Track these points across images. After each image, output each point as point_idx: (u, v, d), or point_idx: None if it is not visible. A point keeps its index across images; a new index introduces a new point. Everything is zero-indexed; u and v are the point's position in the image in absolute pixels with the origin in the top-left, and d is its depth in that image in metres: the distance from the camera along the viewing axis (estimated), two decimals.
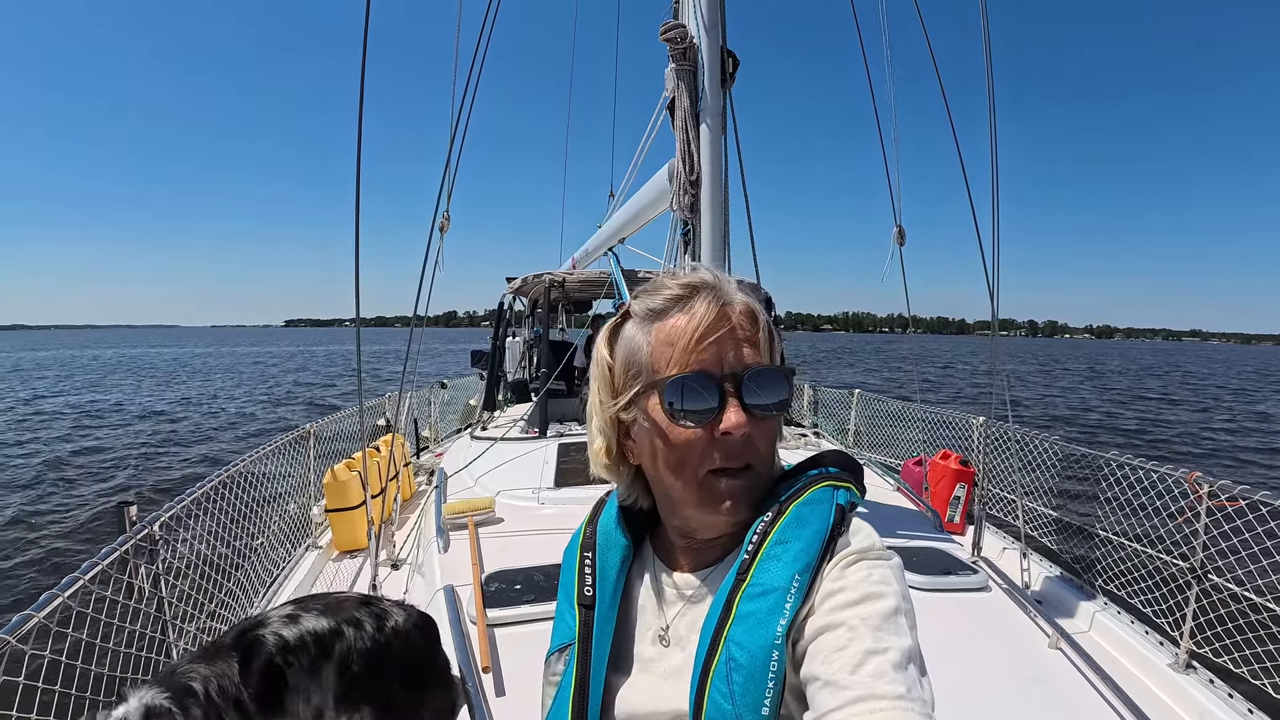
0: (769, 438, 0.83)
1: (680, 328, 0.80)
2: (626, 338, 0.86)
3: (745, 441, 0.80)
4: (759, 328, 0.83)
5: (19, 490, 11.49)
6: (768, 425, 0.82)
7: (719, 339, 0.80)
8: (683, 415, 0.79)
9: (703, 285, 0.83)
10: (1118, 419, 22.84)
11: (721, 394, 0.79)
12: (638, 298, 0.87)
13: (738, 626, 0.75)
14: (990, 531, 4.04)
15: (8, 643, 1.57)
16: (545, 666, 0.98)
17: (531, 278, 6.93)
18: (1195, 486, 2.94)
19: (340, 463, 4.70)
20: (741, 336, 0.81)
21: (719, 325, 0.80)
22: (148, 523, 2.39)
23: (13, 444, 15.85)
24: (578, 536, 1.00)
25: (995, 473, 4.46)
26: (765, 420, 0.81)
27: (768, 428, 0.82)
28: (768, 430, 0.83)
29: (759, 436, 0.81)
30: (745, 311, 0.83)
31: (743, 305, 0.83)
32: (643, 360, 0.83)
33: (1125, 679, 2.57)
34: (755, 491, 0.83)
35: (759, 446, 0.82)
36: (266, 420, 20.69)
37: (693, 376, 0.79)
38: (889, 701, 0.63)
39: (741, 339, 0.81)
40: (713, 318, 0.80)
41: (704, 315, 0.80)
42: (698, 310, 0.80)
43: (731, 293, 0.83)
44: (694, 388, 0.78)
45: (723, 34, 3.32)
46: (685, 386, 0.79)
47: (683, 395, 0.79)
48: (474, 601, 2.51)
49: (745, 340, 0.81)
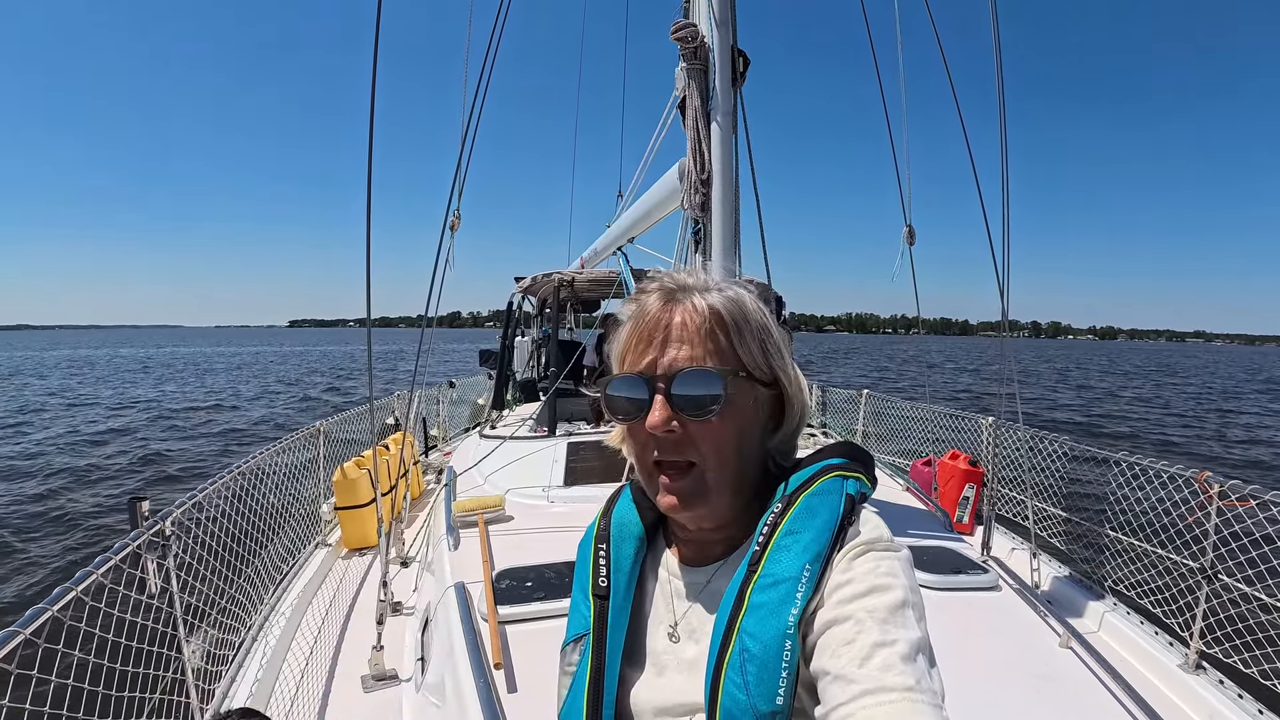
0: (713, 438, 0.83)
1: (629, 331, 0.86)
2: (614, 337, 0.91)
3: (680, 439, 0.82)
4: (705, 327, 0.83)
5: (49, 481, 11.79)
6: (708, 426, 0.82)
7: (656, 340, 0.84)
8: (618, 411, 0.86)
9: (664, 289, 0.87)
10: (1131, 419, 22.84)
11: (651, 391, 0.82)
12: (626, 301, 0.92)
13: (750, 617, 0.76)
14: (999, 532, 4.03)
15: (20, 635, 1.58)
16: (561, 657, 0.98)
17: (540, 277, 6.93)
18: (1205, 486, 2.93)
19: (349, 461, 4.73)
20: (681, 337, 0.83)
21: (659, 328, 0.84)
22: (160, 518, 2.40)
23: (46, 441, 16.14)
24: (592, 528, 1.02)
25: (1004, 473, 4.44)
26: (703, 420, 0.82)
27: (709, 428, 0.82)
28: (709, 430, 0.82)
29: (699, 436, 0.82)
30: (696, 311, 0.84)
31: (698, 307, 0.84)
32: (614, 359, 0.89)
33: (1135, 679, 2.56)
34: (702, 489, 0.84)
35: (699, 446, 0.83)
36: (285, 418, 20.97)
37: (626, 377, 0.84)
38: (899, 694, 0.63)
39: (680, 339, 0.83)
40: (652, 318, 0.84)
41: (648, 318, 0.85)
42: (646, 313, 0.85)
43: (693, 293, 0.85)
44: (626, 387, 0.84)
45: (733, 33, 3.32)
46: (621, 385, 0.85)
47: (619, 395, 0.85)
48: (485, 599, 2.52)
49: (684, 339, 0.83)
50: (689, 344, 0.82)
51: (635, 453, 0.88)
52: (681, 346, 0.82)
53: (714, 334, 0.83)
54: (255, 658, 3.03)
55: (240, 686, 2.83)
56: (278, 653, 3.12)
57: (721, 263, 3.34)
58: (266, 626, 3.33)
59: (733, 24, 3.32)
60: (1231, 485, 2.86)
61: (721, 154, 3.30)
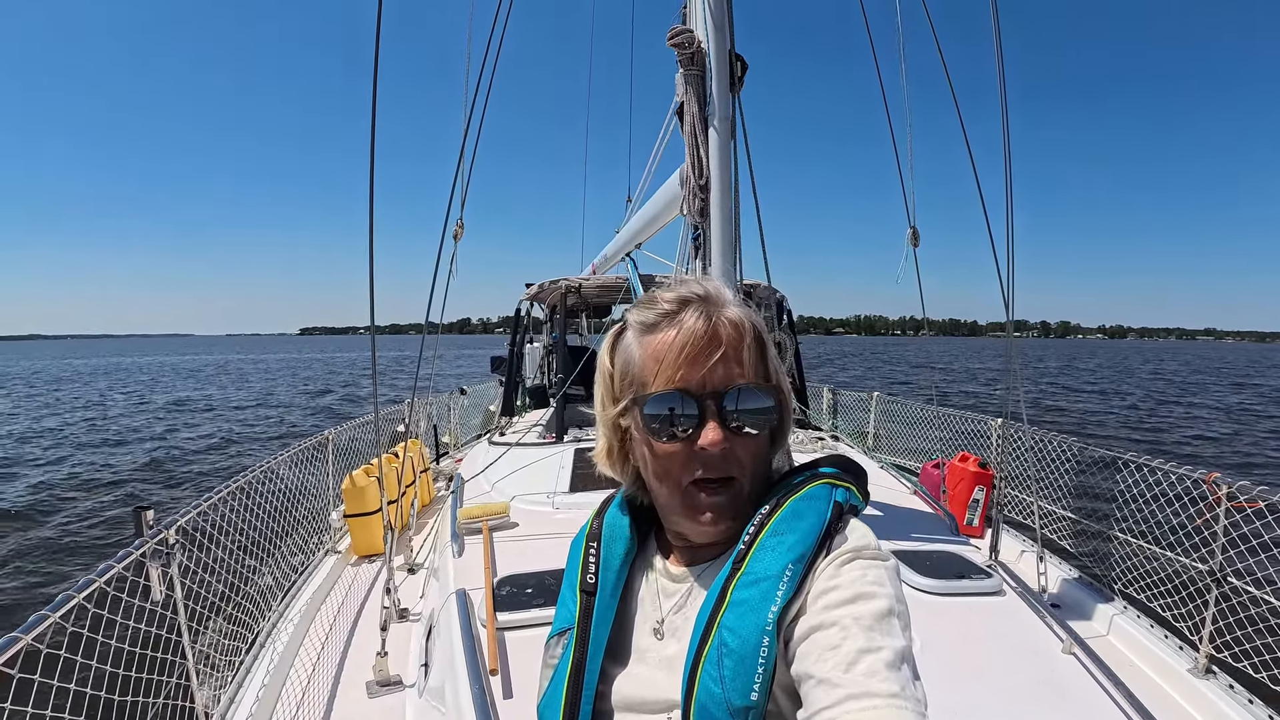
0: (752, 451, 0.84)
1: (666, 343, 0.83)
2: (624, 347, 0.89)
3: (725, 455, 0.82)
4: (746, 342, 0.84)
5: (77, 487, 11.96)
6: (751, 440, 0.84)
7: (702, 356, 0.81)
8: (661, 431, 0.82)
9: (694, 299, 0.84)
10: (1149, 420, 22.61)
11: (702, 410, 0.81)
12: (635, 309, 0.89)
13: (731, 613, 0.77)
14: (1009, 535, 4.00)
15: (22, 641, 1.61)
16: (545, 650, 1.00)
17: (549, 283, 6.96)
18: (1214, 488, 2.89)
19: (359, 468, 4.76)
20: (727, 353, 0.82)
21: (704, 341, 0.82)
22: (164, 527, 2.44)
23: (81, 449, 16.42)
24: (585, 527, 1.04)
25: (1013, 475, 4.42)
26: (748, 436, 0.83)
27: (750, 442, 0.84)
28: (750, 445, 0.84)
29: (741, 451, 0.83)
30: (735, 325, 0.84)
31: (734, 319, 0.84)
32: (635, 372, 0.86)
33: (1142, 684, 2.53)
34: (738, 503, 0.85)
35: (741, 460, 0.83)
36: (300, 424, 21.27)
37: (672, 394, 0.81)
38: (883, 699, 0.63)
39: (727, 356, 0.82)
40: (698, 334, 0.82)
41: (690, 331, 0.82)
42: (685, 325, 0.82)
43: (723, 307, 0.85)
44: (673, 405, 0.81)
45: (731, 38, 3.31)
46: (666, 403, 0.82)
47: (661, 412, 0.82)
48: (485, 605, 2.54)
49: (730, 357, 0.82)
50: (737, 361, 0.82)
51: (667, 471, 0.85)
52: (729, 364, 0.82)
53: (752, 347, 0.84)
54: (262, 663, 3.05)
55: (247, 691, 2.86)
56: (285, 658, 3.15)
57: (721, 267, 3.34)
58: (274, 632, 3.36)
59: (730, 28, 3.32)
60: (1240, 487, 2.83)
61: (720, 159, 3.29)
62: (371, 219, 3.08)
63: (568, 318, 7.06)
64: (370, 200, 3.08)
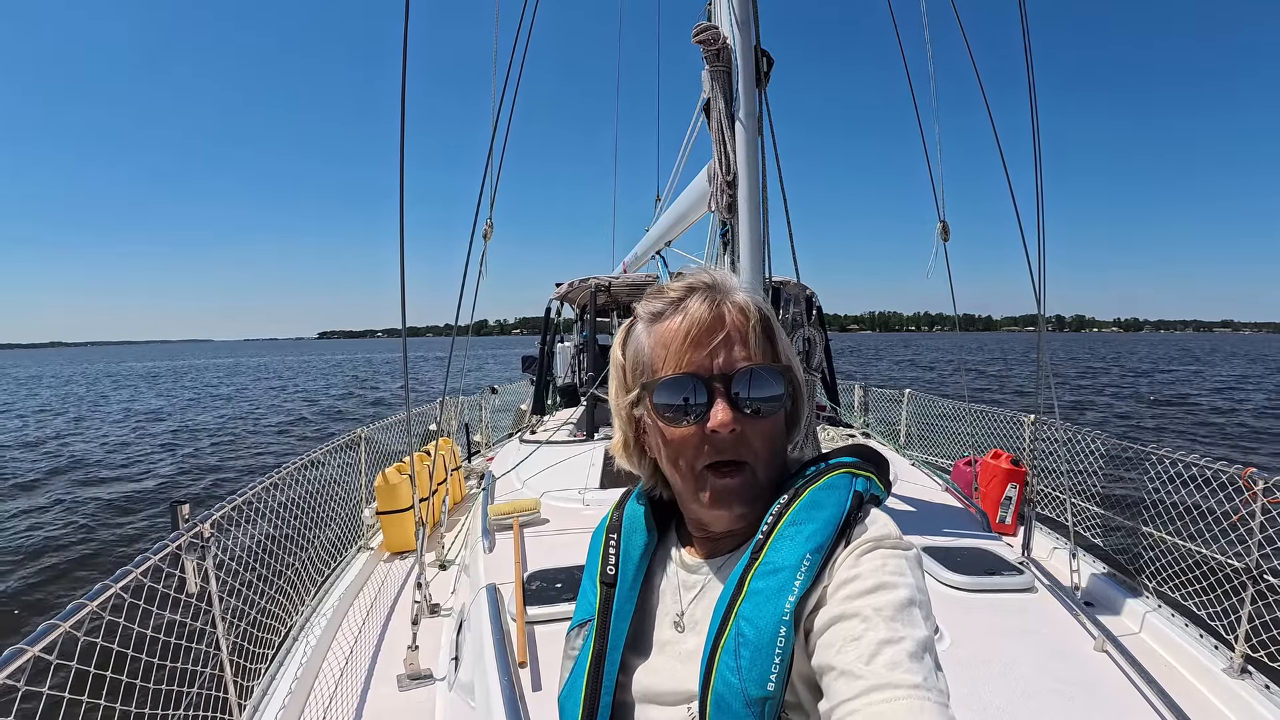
0: (765, 436, 0.84)
1: (674, 330, 0.84)
2: (634, 338, 0.90)
3: (737, 439, 0.82)
4: (752, 324, 0.84)
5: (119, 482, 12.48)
6: (763, 424, 0.83)
7: (708, 339, 0.82)
8: (671, 415, 0.83)
9: (699, 286, 0.85)
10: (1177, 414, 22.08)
11: (710, 393, 0.81)
12: (644, 300, 0.90)
13: (748, 603, 0.77)
14: (1043, 532, 3.94)
15: (60, 628, 1.65)
16: (565, 640, 1.00)
17: (578, 283, 6.99)
18: (1249, 483, 2.82)
19: (391, 466, 4.82)
20: (734, 336, 0.83)
21: (710, 326, 0.82)
22: (198, 521, 2.49)
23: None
24: (605, 519, 1.04)
25: (1045, 471, 4.34)
26: (760, 419, 0.83)
27: (763, 426, 0.83)
28: (763, 429, 0.84)
29: (753, 435, 0.83)
30: (741, 310, 0.84)
31: (740, 303, 0.84)
32: (645, 361, 0.87)
33: (1176, 683, 2.47)
34: (753, 489, 0.85)
35: (754, 444, 0.83)
36: (331, 425, 21.80)
37: (681, 378, 0.82)
38: (905, 690, 0.63)
39: (733, 338, 0.83)
40: (704, 318, 0.82)
41: (695, 316, 0.83)
42: (690, 312, 0.83)
43: (729, 292, 0.85)
44: (682, 388, 0.82)
45: (756, 33, 3.29)
46: (675, 387, 0.82)
47: (671, 395, 0.82)
48: (515, 599, 2.56)
49: (737, 340, 0.83)
50: (743, 344, 0.83)
51: (680, 456, 0.85)
52: (737, 347, 0.82)
53: (760, 332, 0.84)
54: (295, 656, 3.11)
55: (280, 684, 2.91)
56: (318, 651, 3.20)
57: (749, 263, 3.33)
58: (307, 627, 3.42)
59: (755, 24, 3.30)
60: (1276, 482, 2.75)
61: (746, 155, 3.27)
62: (402, 225, 3.11)
63: (598, 317, 7.09)
64: (400, 206, 3.12)
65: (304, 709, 2.84)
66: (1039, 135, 3.20)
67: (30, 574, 7.74)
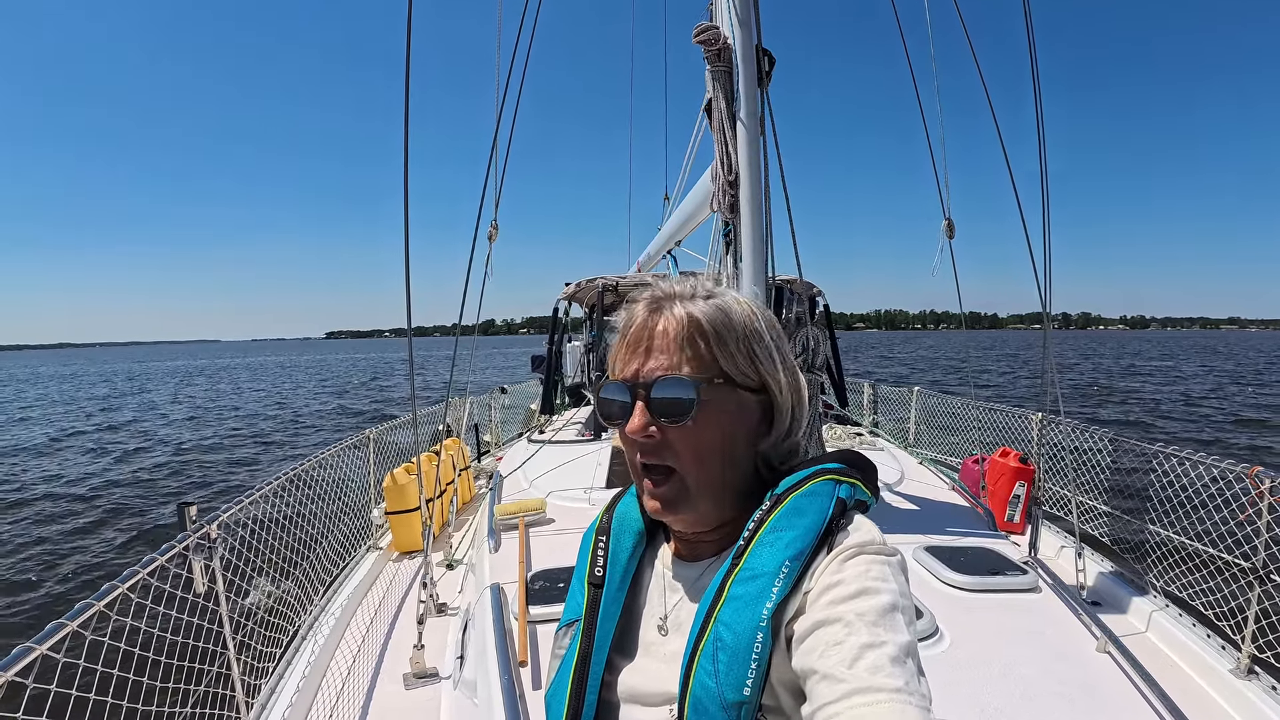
0: (691, 444, 0.84)
1: (618, 339, 0.90)
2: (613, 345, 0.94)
3: (659, 445, 0.85)
4: (684, 335, 0.85)
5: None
6: (685, 431, 0.84)
7: (640, 348, 0.86)
8: (607, 416, 0.88)
9: (649, 299, 0.89)
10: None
11: (632, 398, 0.85)
12: (623, 309, 0.95)
13: (727, 608, 0.78)
14: (1050, 530, 3.91)
15: (68, 627, 1.68)
16: (553, 640, 1.02)
17: (586, 282, 7.00)
18: (1256, 482, 2.79)
19: (399, 467, 4.86)
20: (659, 345, 0.85)
21: (642, 334, 0.86)
22: (206, 522, 2.53)
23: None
24: (595, 521, 1.06)
25: (1053, 470, 4.32)
26: (678, 426, 0.83)
27: (686, 434, 0.84)
28: (687, 436, 0.84)
29: (677, 441, 0.84)
30: (679, 320, 0.85)
31: (678, 316, 0.85)
32: (610, 365, 0.92)
33: (1181, 683, 2.45)
34: (682, 495, 0.86)
35: (676, 450, 0.85)
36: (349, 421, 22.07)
37: (614, 384, 0.87)
38: (887, 694, 0.63)
39: (660, 348, 0.85)
40: (638, 327, 0.87)
41: (634, 327, 0.88)
42: (633, 321, 0.88)
43: (680, 302, 0.87)
44: (614, 392, 0.87)
45: (757, 33, 3.29)
46: (609, 392, 0.88)
47: (606, 398, 0.88)
48: (518, 599, 2.58)
49: (662, 348, 0.85)
50: (666, 352, 0.84)
51: (628, 456, 0.90)
52: (660, 355, 0.85)
53: (693, 341, 0.85)
54: (303, 655, 3.14)
55: (287, 682, 2.94)
56: (325, 650, 3.23)
57: (752, 262, 3.33)
58: (315, 625, 3.45)
59: (756, 23, 3.29)
60: None
61: (748, 155, 3.27)
62: (406, 227, 3.13)
63: (605, 316, 7.11)
64: (405, 206, 3.13)
65: (311, 707, 2.87)
66: (1043, 133, 3.19)
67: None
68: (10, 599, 7.15)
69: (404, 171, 3.11)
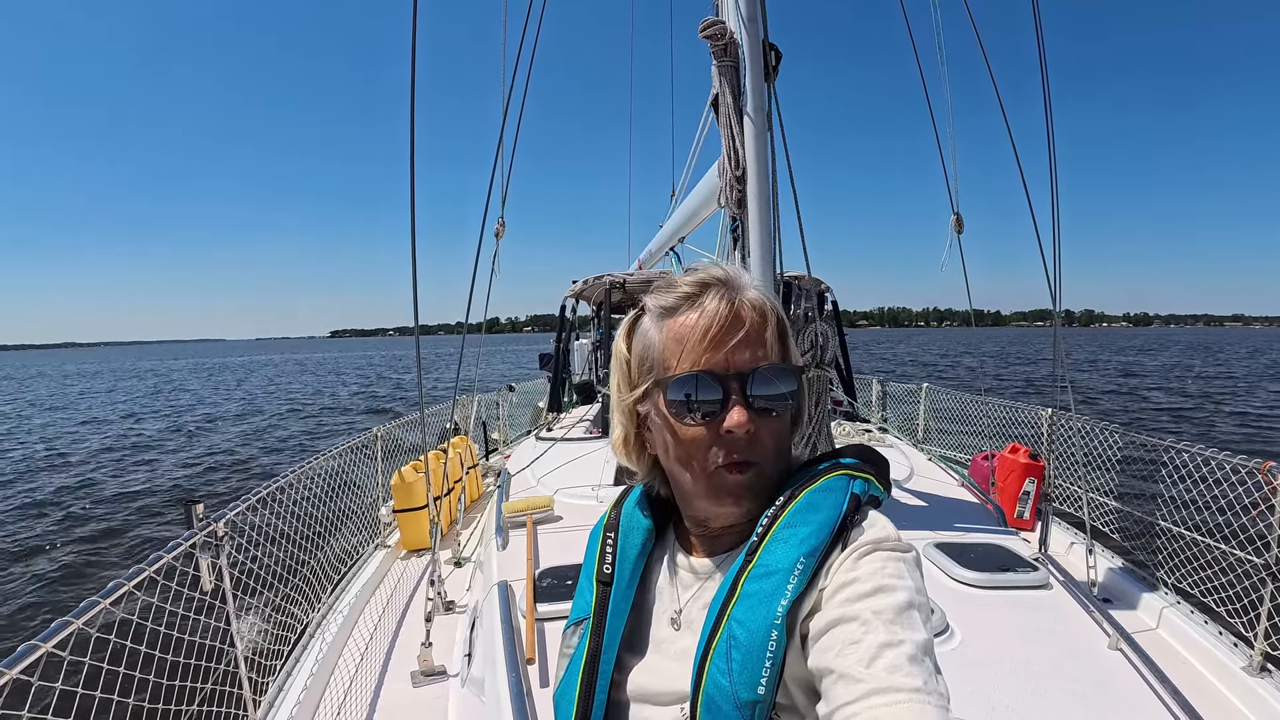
0: (775, 434, 0.84)
1: (689, 325, 0.82)
2: (642, 332, 0.89)
3: (751, 439, 0.81)
4: (769, 324, 0.83)
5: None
6: (774, 422, 0.83)
7: (725, 337, 0.81)
8: (686, 413, 0.81)
9: (714, 282, 0.84)
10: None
11: (726, 392, 0.80)
12: (653, 294, 0.88)
13: (740, 605, 0.77)
14: (1060, 527, 3.88)
15: (73, 625, 1.68)
16: (562, 638, 1.01)
17: (593, 280, 6.99)
18: (1269, 477, 2.76)
19: (407, 465, 4.86)
20: (750, 335, 0.82)
21: (727, 323, 0.81)
22: (213, 520, 2.52)
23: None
24: (603, 518, 1.04)
25: (1063, 466, 4.29)
26: (772, 418, 0.82)
27: (774, 425, 0.83)
28: (774, 427, 0.83)
29: (765, 433, 0.82)
30: (757, 308, 0.83)
31: (754, 301, 0.83)
32: (654, 356, 0.85)
33: (1193, 680, 2.43)
34: (762, 486, 0.84)
35: (765, 443, 0.83)
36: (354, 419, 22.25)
37: (698, 375, 0.80)
38: (906, 694, 0.62)
39: (750, 338, 0.81)
40: (721, 316, 0.81)
41: (713, 313, 0.81)
42: (707, 308, 0.82)
43: (743, 289, 0.84)
44: (698, 386, 0.80)
45: (764, 27, 3.27)
46: (690, 385, 0.81)
47: (687, 393, 0.81)
48: (526, 596, 2.57)
49: (754, 339, 0.82)
50: (760, 343, 0.82)
51: (692, 456, 0.84)
52: (753, 346, 0.82)
53: (778, 330, 0.84)
54: (311, 652, 3.15)
55: (295, 679, 2.95)
56: (333, 648, 3.23)
57: (760, 258, 3.31)
58: (323, 623, 3.45)
59: (763, 18, 3.27)
60: None
61: (755, 150, 3.25)
62: (413, 224, 3.12)
63: (613, 314, 7.11)
64: (411, 204, 3.13)
65: (319, 704, 2.87)
66: (1053, 129, 3.16)
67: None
68: (11, 600, 7.19)
69: (410, 172, 3.10)
